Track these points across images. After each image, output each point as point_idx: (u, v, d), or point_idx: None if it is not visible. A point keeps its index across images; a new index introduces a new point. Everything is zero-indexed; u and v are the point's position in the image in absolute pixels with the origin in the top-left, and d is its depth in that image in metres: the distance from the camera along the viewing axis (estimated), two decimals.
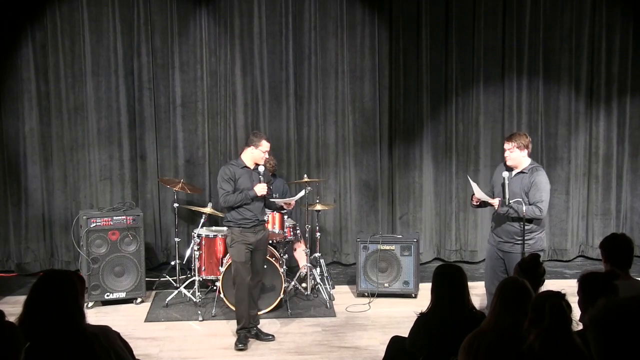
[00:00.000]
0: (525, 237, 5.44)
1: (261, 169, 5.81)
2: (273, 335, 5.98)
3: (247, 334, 5.85)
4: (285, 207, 6.68)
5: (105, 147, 7.87)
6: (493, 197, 5.76)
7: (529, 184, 5.53)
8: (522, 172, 5.60)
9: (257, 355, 5.69)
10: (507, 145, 5.64)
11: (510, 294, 3.37)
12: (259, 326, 5.99)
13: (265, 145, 5.79)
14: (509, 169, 5.66)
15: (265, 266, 6.18)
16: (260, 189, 5.73)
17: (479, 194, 5.70)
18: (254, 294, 5.96)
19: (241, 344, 5.75)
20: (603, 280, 3.56)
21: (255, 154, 5.80)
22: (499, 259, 5.70)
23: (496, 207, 5.61)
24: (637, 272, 6.33)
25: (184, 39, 7.88)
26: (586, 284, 3.60)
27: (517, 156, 5.60)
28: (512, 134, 5.79)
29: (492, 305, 3.41)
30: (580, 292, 3.61)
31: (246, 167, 5.81)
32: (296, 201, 6.94)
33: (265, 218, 6.14)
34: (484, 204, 5.81)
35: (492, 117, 8.28)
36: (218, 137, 8.05)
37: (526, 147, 5.59)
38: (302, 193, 6.69)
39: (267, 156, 5.85)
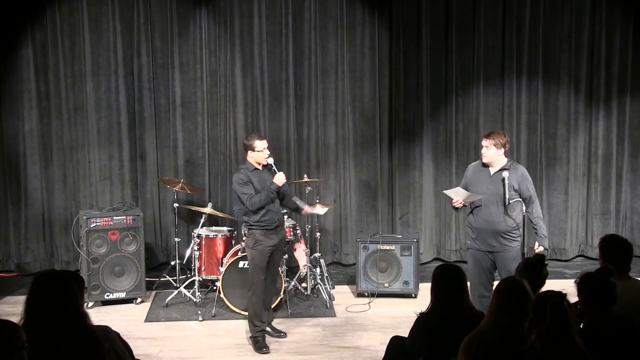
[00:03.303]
0: (515, 236, 5.50)
1: (270, 160, 5.86)
2: (285, 333, 6.03)
3: (262, 335, 5.83)
4: (302, 212, 6.20)
5: (105, 147, 7.87)
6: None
7: (518, 178, 5.55)
8: (503, 168, 5.59)
9: (257, 355, 5.69)
10: (484, 142, 5.64)
11: (508, 294, 3.38)
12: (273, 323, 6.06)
13: (260, 144, 5.80)
14: (485, 166, 5.66)
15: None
16: (280, 178, 5.75)
17: (470, 196, 5.61)
18: (270, 293, 6.01)
19: (265, 347, 5.75)
20: (598, 279, 3.57)
21: (256, 156, 5.82)
22: (488, 261, 5.60)
23: (541, 249, 5.47)
24: (637, 273, 6.33)
25: (184, 39, 7.88)
26: (584, 285, 3.61)
27: (494, 154, 5.59)
28: (490, 132, 5.76)
29: (491, 304, 3.43)
30: (580, 294, 3.62)
31: (255, 169, 5.83)
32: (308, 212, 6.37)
33: (285, 217, 6.20)
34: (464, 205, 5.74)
35: (492, 117, 8.27)
36: (218, 137, 8.04)
37: (503, 146, 5.59)
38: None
39: (268, 152, 5.85)
